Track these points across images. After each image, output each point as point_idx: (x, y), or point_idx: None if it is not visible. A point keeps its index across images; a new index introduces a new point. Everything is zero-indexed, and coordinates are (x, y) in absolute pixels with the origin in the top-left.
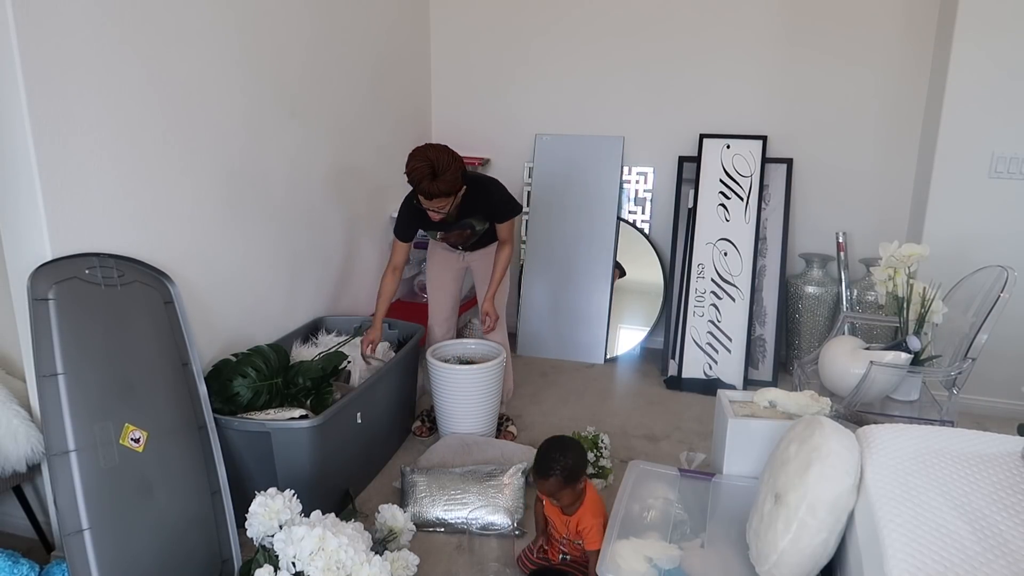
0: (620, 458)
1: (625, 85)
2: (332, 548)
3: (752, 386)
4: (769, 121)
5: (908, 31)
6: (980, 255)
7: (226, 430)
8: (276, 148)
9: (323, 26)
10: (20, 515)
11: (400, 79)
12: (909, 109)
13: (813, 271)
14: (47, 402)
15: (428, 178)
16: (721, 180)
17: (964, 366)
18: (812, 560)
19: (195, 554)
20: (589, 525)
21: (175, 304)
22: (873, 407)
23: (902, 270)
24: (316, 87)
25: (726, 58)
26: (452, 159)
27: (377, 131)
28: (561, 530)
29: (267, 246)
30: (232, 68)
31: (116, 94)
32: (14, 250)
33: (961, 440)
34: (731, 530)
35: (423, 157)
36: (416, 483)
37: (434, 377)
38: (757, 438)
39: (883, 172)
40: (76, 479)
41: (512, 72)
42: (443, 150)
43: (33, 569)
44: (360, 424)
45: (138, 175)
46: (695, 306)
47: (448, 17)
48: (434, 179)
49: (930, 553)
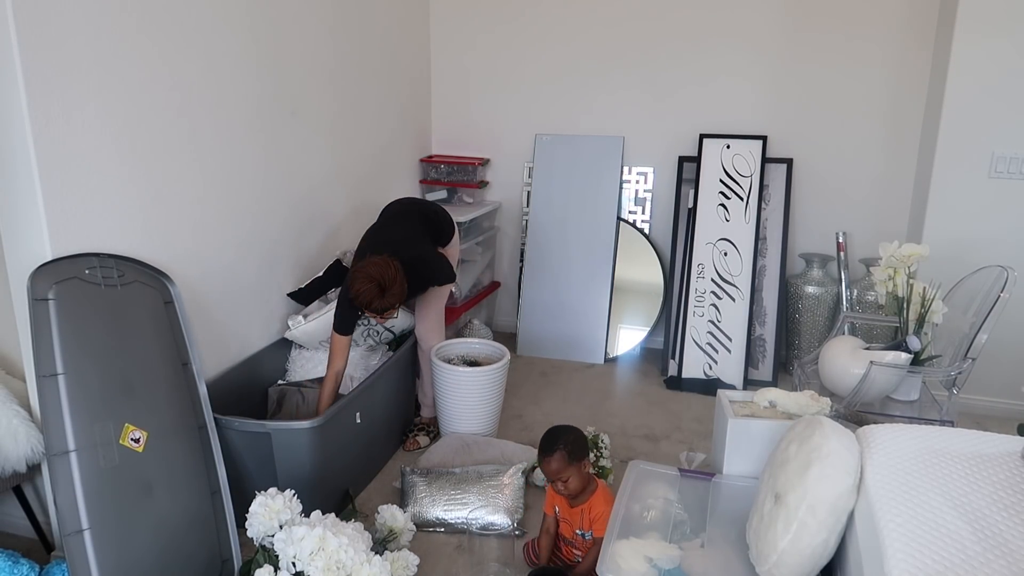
0: (620, 458)
1: (625, 85)
2: (332, 548)
3: (752, 386)
4: (769, 121)
5: (908, 31)
6: (980, 255)
7: (226, 430)
8: (277, 147)
9: (324, 26)
10: (20, 515)
11: (400, 78)
12: (909, 109)
13: (813, 271)
14: (47, 402)
15: (377, 298)
16: (721, 180)
17: (964, 366)
18: (812, 560)
19: (195, 554)
20: (600, 512)
21: (175, 304)
22: (873, 407)
23: (902, 270)
24: (317, 86)
25: (726, 58)
26: (395, 271)
27: (378, 131)
28: (575, 524)
29: (267, 246)
30: (233, 68)
31: (116, 94)
32: (14, 250)
33: (961, 440)
34: (731, 530)
35: (368, 278)
36: (416, 483)
37: (437, 377)
38: (757, 438)
39: (883, 172)
40: (76, 479)
41: (512, 72)
42: (385, 264)
43: (33, 569)
44: (360, 424)
45: (138, 175)
46: (695, 306)
47: (448, 17)
48: (383, 296)
49: (930, 553)
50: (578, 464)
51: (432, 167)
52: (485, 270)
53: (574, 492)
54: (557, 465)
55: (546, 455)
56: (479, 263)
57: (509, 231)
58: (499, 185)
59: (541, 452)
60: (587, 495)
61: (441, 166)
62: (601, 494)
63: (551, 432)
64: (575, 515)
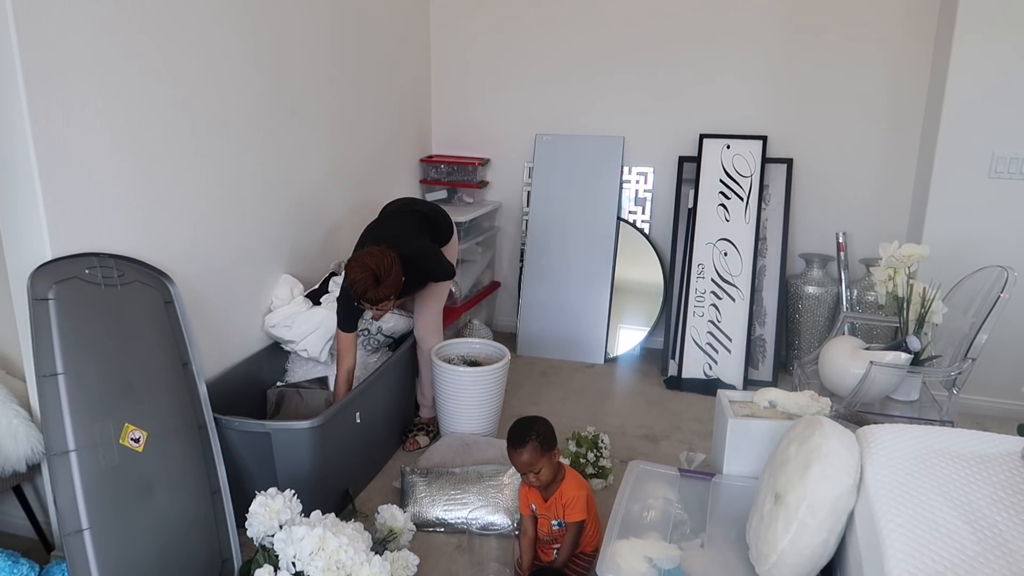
0: (620, 458)
1: (625, 85)
2: (332, 548)
3: (752, 386)
4: (769, 121)
5: (908, 31)
6: (980, 255)
7: (226, 430)
8: (277, 147)
9: (324, 25)
10: (20, 515)
11: (400, 78)
12: (909, 109)
13: (813, 271)
14: (47, 402)
15: (372, 287)
16: (721, 180)
17: (964, 366)
18: (812, 560)
19: (195, 554)
20: (572, 496)
21: (175, 304)
22: (873, 407)
23: (902, 270)
24: (317, 86)
25: (726, 58)
26: (391, 261)
27: (378, 131)
28: (551, 516)
29: (268, 246)
30: (233, 67)
31: (116, 94)
32: (14, 250)
33: (961, 440)
34: (731, 530)
35: (363, 267)
36: (416, 483)
37: (437, 377)
38: (757, 438)
39: (883, 172)
40: (76, 479)
41: (512, 72)
42: (381, 254)
43: (33, 569)
44: (360, 424)
45: (138, 175)
46: (695, 306)
47: (448, 17)
48: (378, 286)
49: (930, 553)
50: (549, 454)
51: (432, 167)
52: (485, 270)
53: (546, 482)
54: (529, 457)
55: (517, 447)
56: (479, 263)
57: (509, 231)
58: (499, 185)
59: (511, 445)
60: (557, 483)
61: (441, 166)
62: (571, 480)
63: (520, 424)
64: (550, 507)
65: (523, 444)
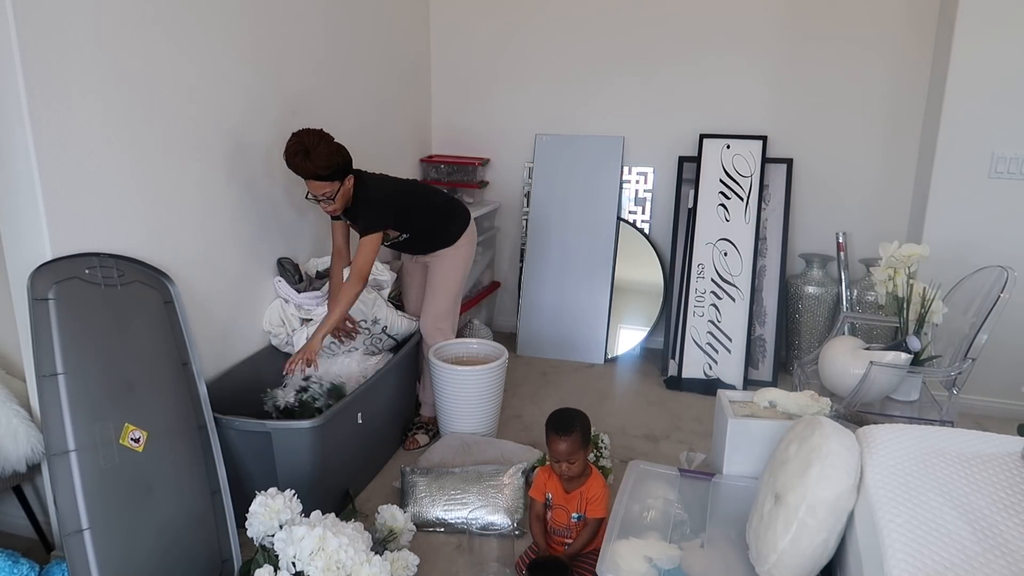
0: (620, 458)
1: (625, 85)
2: (332, 548)
3: (752, 386)
4: (769, 121)
5: (908, 31)
6: (980, 255)
7: (226, 430)
8: (277, 147)
9: (324, 26)
10: (20, 515)
11: (400, 79)
12: (909, 109)
13: (813, 271)
14: (47, 402)
15: (301, 155)
16: (721, 180)
17: (964, 366)
18: (812, 560)
19: (195, 554)
20: (598, 493)
21: (175, 304)
22: (873, 407)
23: (902, 270)
24: (317, 87)
25: (726, 58)
26: (327, 145)
27: (378, 131)
28: (571, 508)
29: (268, 246)
30: (233, 67)
31: (116, 94)
32: (14, 250)
33: (961, 440)
34: (731, 530)
35: (298, 137)
36: (416, 483)
37: (436, 377)
38: (757, 438)
39: (883, 172)
40: (76, 479)
41: (512, 72)
42: (321, 135)
43: (33, 569)
44: (360, 424)
45: (138, 175)
46: (695, 306)
47: (448, 17)
48: (306, 157)
49: (930, 553)
50: (585, 448)
51: (432, 167)
52: (485, 270)
53: (575, 475)
54: (569, 447)
55: (561, 435)
56: (479, 263)
57: (509, 231)
58: (499, 185)
59: (555, 431)
60: (584, 478)
61: (441, 166)
62: (598, 477)
63: (566, 413)
64: (572, 499)
65: (568, 433)
